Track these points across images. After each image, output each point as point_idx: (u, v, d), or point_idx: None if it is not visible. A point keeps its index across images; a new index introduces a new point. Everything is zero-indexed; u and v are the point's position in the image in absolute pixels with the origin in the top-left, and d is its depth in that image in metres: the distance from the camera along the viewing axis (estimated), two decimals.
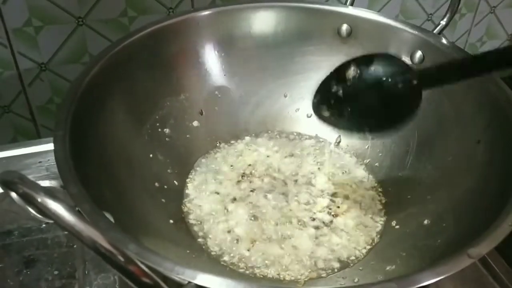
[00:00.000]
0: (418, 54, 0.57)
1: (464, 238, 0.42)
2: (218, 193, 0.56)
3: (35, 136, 0.77)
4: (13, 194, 0.28)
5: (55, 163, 0.40)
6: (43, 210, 0.26)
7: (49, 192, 0.26)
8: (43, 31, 0.68)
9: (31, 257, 0.52)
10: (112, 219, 0.38)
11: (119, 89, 0.53)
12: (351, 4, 0.62)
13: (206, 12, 0.60)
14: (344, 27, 0.61)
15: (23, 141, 0.63)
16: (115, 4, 0.69)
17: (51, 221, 0.33)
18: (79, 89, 0.48)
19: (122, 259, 0.27)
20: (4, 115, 0.73)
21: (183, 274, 0.32)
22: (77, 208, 0.36)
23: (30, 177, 0.27)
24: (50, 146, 0.61)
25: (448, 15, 0.57)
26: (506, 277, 0.51)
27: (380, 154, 0.59)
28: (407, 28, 0.58)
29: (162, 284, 0.28)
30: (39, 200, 0.26)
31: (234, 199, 0.55)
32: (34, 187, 0.26)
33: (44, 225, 0.54)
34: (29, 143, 0.62)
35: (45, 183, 0.57)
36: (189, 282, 0.32)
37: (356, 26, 0.61)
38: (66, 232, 0.52)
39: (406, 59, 0.58)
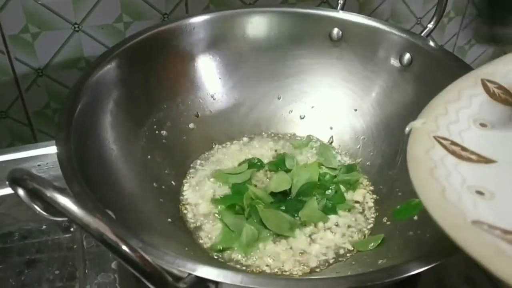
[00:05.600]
0: (407, 56, 0.59)
1: None
2: (214, 193, 0.57)
3: (32, 141, 0.78)
4: (21, 192, 0.29)
5: (53, 166, 0.42)
6: (52, 204, 0.27)
7: (57, 188, 0.28)
8: (40, 37, 0.69)
9: (32, 258, 0.53)
10: (114, 217, 0.39)
11: (117, 93, 0.55)
12: (342, 9, 0.64)
13: (201, 18, 0.62)
14: (335, 31, 0.63)
15: (21, 145, 0.64)
16: (110, 10, 0.70)
17: (55, 219, 0.35)
18: (79, 93, 0.50)
19: (127, 249, 0.28)
20: (1, 120, 0.74)
21: (184, 267, 0.34)
22: None
23: None
24: (48, 150, 0.62)
25: (435, 19, 0.59)
26: None
27: (372, 154, 0.61)
28: (395, 31, 0.60)
29: (164, 272, 0.30)
30: (49, 195, 0.27)
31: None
32: (43, 183, 0.28)
33: (44, 227, 0.55)
34: (28, 147, 0.63)
35: None
36: (189, 274, 0.34)
37: (346, 30, 0.62)
38: (66, 236, 0.53)
39: (395, 61, 0.60)
